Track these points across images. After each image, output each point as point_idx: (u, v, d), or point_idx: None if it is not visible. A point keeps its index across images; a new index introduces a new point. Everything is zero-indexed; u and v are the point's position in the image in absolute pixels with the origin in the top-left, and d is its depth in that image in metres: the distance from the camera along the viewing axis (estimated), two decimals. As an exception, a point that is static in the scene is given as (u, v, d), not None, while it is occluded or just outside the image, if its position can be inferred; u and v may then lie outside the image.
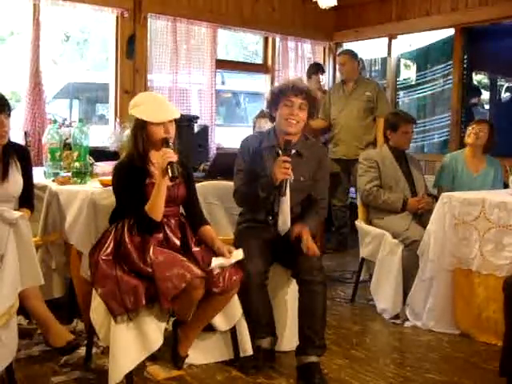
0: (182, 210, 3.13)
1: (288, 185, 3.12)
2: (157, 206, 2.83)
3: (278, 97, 3.26)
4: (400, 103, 7.17)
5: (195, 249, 3.00)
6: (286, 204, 3.24)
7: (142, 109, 2.92)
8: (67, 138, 3.94)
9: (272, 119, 3.39)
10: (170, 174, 2.76)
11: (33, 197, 3.41)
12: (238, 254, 2.97)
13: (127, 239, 2.84)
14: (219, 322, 3.04)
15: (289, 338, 3.27)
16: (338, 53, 6.53)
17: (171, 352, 3.05)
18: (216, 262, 2.89)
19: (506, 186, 4.39)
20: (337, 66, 7.19)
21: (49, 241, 3.47)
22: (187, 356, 3.06)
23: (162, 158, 2.80)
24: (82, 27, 10.07)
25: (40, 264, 2.89)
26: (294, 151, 3.24)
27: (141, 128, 2.91)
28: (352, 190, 6.01)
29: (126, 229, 2.88)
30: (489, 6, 5.70)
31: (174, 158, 2.81)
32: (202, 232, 3.09)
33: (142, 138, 2.92)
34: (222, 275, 2.88)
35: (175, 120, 2.99)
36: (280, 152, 3.22)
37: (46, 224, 3.43)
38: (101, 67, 9.24)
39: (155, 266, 2.74)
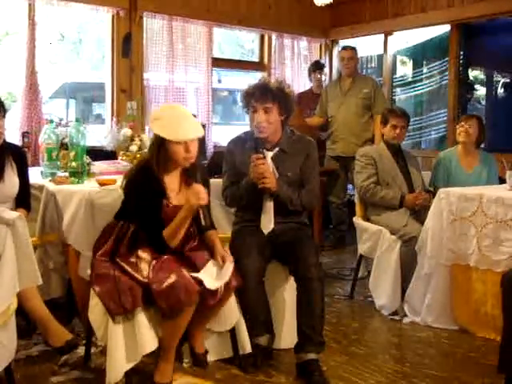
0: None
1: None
2: (177, 236, 2.80)
3: (245, 102, 3.33)
4: (397, 100, 7.17)
5: (191, 252, 2.93)
6: (268, 204, 3.27)
7: (162, 124, 2.79)
8: (64, 138, 3.93)
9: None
10: (203, 223, 2.79)
11: (29, 197, 3.41)
12: (228, 270, 2.88)
13: (125, 250, 2.83)
14: (216, 324, 3.03)
15: (287, 336, 3.27)
16: (340, 48, 6.50)
17: (190, 353, 3.05)
18: (206, 276, 2.80)
19: (502, 181, 4.39)
20: (334, 63, 7.22)
21: (46, 241, 3.47)
22: (206, 352, 3.05)
23: (194, 196, 2.73)
24: (77, 27, 10.04)
25: (38, 264, 2.88)
26: (276, 149, 3.29)
27: (160, 144, 2.80)
28: (350, 186, 6.02)
29: (127, 237, 2.85)
30: (485, 1, 5.70)
31: (206, 200, 2.77)
32: (206, 235, 3.04)
33: (159, 154, 2.82)
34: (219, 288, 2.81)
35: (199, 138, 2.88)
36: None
37: (43, 224, 3.43)
38: (97, 67, 9.21)
39: (152, 279, 2.70)
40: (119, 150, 4.09)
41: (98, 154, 4.24)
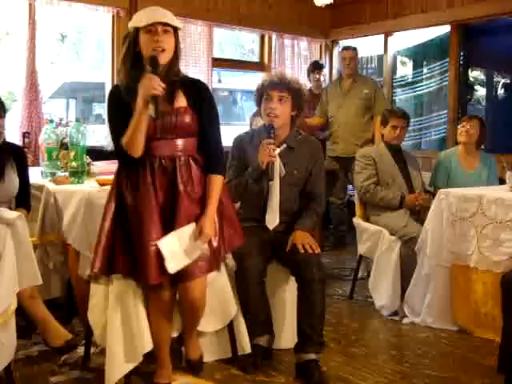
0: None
1: (276, 170, 3.16)
2: (134, 141, 2.44)
3: (260, 93, 3.31)
4: (397, 101, 7.17)
5: (183, 202, 2.55)
6: (274, 196, 3.21)
7: (135, 19, 2.50)
8: (64, 138, 3.93)
9: (261, 116, 3.41)
10: (152, 112, 2.39)
11: (29, 197, 3.42)
12: (198, 249, 2.54)
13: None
14: (212, 321, 2.98)
15: (287, 336, 3.27)
16: (341, 48, 6.50)
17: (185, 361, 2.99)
18: (171, 247, 2.48)
19: (502, 181, 4.39)
20: (334, 63, 7.22)
21: (46, 240, 3.47)
22: (201, 358, 3.00)
23: (145, 85, 2.35)
24: (77, 27, 10.05)
25: (38, 264, 2.89)
26: (284, 145, 3.27)
27: (132, 43, 2.48)
28: (350, 187, 6.01)
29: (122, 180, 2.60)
30: (484, 2, 5.70)
31: (159, 90, 2.37)
32: (207, 181, 2.64)
33: (130, 56, 2.50)
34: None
35: (174, 32, 2.51)
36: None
37: (43, 224, 3.43)
38: (97, 67, 9.21)
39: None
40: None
41: (98, 154, 4.25)
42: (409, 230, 3.94)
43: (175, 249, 2.47)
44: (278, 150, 3.21)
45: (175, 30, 2.52)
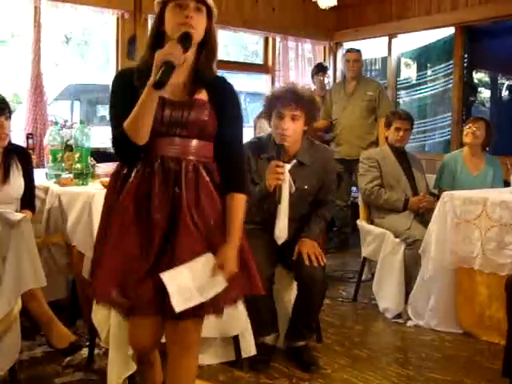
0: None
1: (285, 192, 3.01)
2: (139, 122, 1.93)
3: (271, 106, 3.16)
4: (401, 103, 7.16)
5: (187, 228, 1.96)
6: (282, 215, 3.07)
7: None
8: (68, 140, 3.95)
9: (270, 123, 3.25)
10: (156, 78, 1.86)
11: (34, 198, 3.43)
12: (219, 284, 1.98)
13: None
14: (216, 329, 2.89)
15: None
16: (345, 51, 6.50)
17: None
18: (179, 283, 1.92)
19: (506, 184, 4.38)
20: (338, 65, 7.21)
21: (51, 242, 3.47)
22: None
23: (162, 50, 1.91)
24: (82, 29, 10.08)
25: (42, 265, 2.89)
26: (294, 161, 3.11)
27: (158, 18, 2.06)
28: (354, 189, 6.01)
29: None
30: (489, 4, 5.69)
31: (177, 58, 1.90)
32: (226, 202, 2.08)
33: (154, 32, 2.08)
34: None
35: (208, 12, 2.10)
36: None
37: (48, 225, 3.44)
38: (102, 68, 9.24)
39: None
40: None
41: (102, 155, 4.25)
42: (413, 233, 3.94)
43: (185, 283, 1.93)
44: (288, 167, 3.04)
45: (209, 12, 2.11)
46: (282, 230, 3.09)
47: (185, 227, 1.95)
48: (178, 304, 1.90)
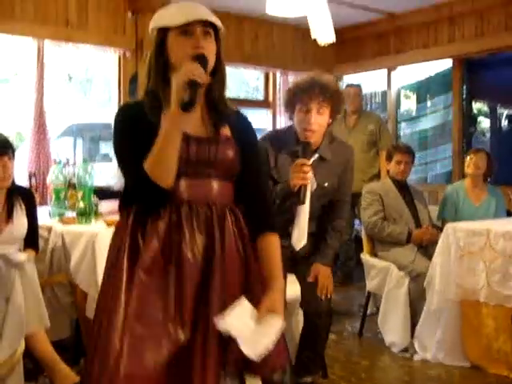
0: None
1: (308, 192, 2.75)
2: (163, 159, 1.67)
3: (294, 98, 2.90)
4: (402, 135, 7.21)
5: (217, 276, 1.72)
6: (303, 215, 2.83)
7: (161, 15, 1.85)
8: (72, 178, 3.97)
9: (292, 120, 2.99)
10: (183, 99, 1.64)
11: (37, 238, 3.42)
12: (276, 326, 1.71)
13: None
14: None
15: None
16: (345, 85, 6.56)
17: None
18: (238, 327, 1.65)
19: (509, 214, 4.38)
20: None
21: (54, 281, 3.47)
22: None
23: (183, 70, 1.66)
24: (85, 67, 10.21)
25: (46, 305, 2.89)
26: (316, 155, 2.87)
27: (159, 47, 1.80)
28: (357, 222, 6.00)
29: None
30: (484, 37, 5.77)
31: (201, 75, 1.67)
32: (258, 244, 1.88)
33: (159, 62, 1.80)
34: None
35: (215, 34, 1.83)
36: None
37: (51, 265, 3.45)
38: (104, 106, 9.33)
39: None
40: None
41: (105, 193, 4.26)
42: (417, 266, 3.93)
43: (244, 325, 1.67)
44: (309, 162, 2.78)
45: (216, 34, 1.85)
46: (301, 234, 2.85)
47: (221, 278, 1.71)
48: (249, 350, 1.63)
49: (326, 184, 2.95)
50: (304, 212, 2.82)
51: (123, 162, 1.79)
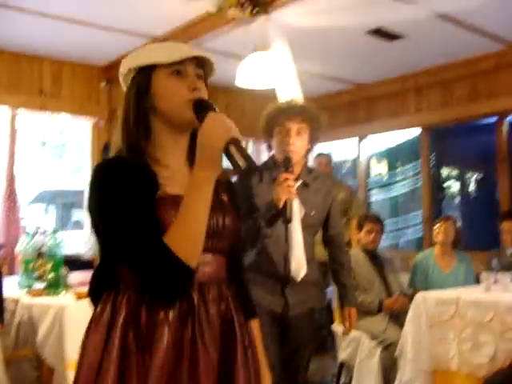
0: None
1: (295, 211, 2.61)
2: (194, 230, 1.35)
3: (272, 122, 2.80)
4: (373, 202, 7.29)
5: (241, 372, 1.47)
6: (296, 240, 2.66)
7: (142, 53, 1.55)
8: (41, 247, 3.93)
9: (270, 148, 2.89)
10: (243, 165, 1.36)
11: (3, 310, 3.36)
12: None
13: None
14: None
15: None
16: (316, 155, 6.66)
17: None
18: None
19: (478, 279, 4.43)
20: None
21: (20, 356, 3.39)
22: None
23: (214, 133, 1.35)
24: (59, 131, 10.24)
25: (10, 380, 2.81)
26: (300, 181, 2.76)
27: (142, 89, 1.49)
28: (329, 290, 5.98)
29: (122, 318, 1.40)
30: (449, 107, 5.94)
31: (237, 131, 1.40)
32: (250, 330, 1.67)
33: (140, 108, 1.49)
34: None
35: (204, 79, 1.54)
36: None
37: (17, 338, 3.37)
38: (77, 172, 9.34)
39: None
40: (97, 258, 4.08)
41: (75, 263, 4.23)
42: (389, 335, 3.92)
43: None
44: (292, 175, 2.66)
45: (205, 75, 1.55)
46: (299, 262, 2.64)
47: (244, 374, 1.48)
48: None
49: (313, 213, 2.79)
50: (296, 236, 2.67)
51: (122, 235, 1.35)
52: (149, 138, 1.49)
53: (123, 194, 1.37)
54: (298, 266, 2.66)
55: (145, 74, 1.49)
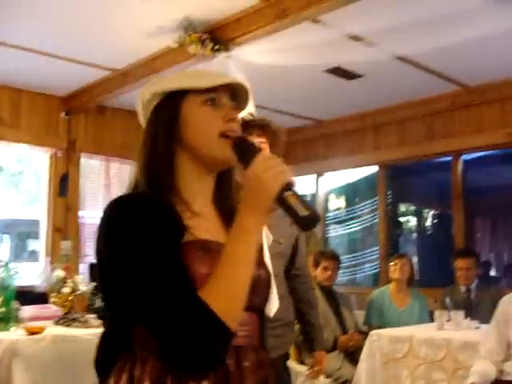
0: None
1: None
2: (237, 290, 1.14)
3: None
4: (331, 238, 7.34)
5: None
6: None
7: (171, 78, 1.35)
8: (-8, 280, 3.84)
9: None
10: (302, 213, 1.18)
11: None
12: None
13: None
14: None
15: None
16: None
17: None
18: None
19: (432, 315, 4.49)
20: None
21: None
22: None
23: (267, 176, 1.15)
24: (17, 158, 10.07)
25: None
26: None
27: (171, 117, 1.28)
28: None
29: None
30: (406, 146, 6.06)
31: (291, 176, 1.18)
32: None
33: (169, 139, 1.28)
34: None
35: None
36: None
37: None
38: (33, 202, 9.18)
39: None
40: (51, 292, 4.02)
41: (28, 296, 4.13)
42: (344, 372, 3.94)
43: None
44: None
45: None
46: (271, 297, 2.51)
47: None
48: None
49: (282, 240, 2.62)
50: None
51: (147, 281, 1.11)
52: (173, 174, 1.27)
53: (149, 236, 1.14)
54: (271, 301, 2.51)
55: (174, 101, 1.28)
